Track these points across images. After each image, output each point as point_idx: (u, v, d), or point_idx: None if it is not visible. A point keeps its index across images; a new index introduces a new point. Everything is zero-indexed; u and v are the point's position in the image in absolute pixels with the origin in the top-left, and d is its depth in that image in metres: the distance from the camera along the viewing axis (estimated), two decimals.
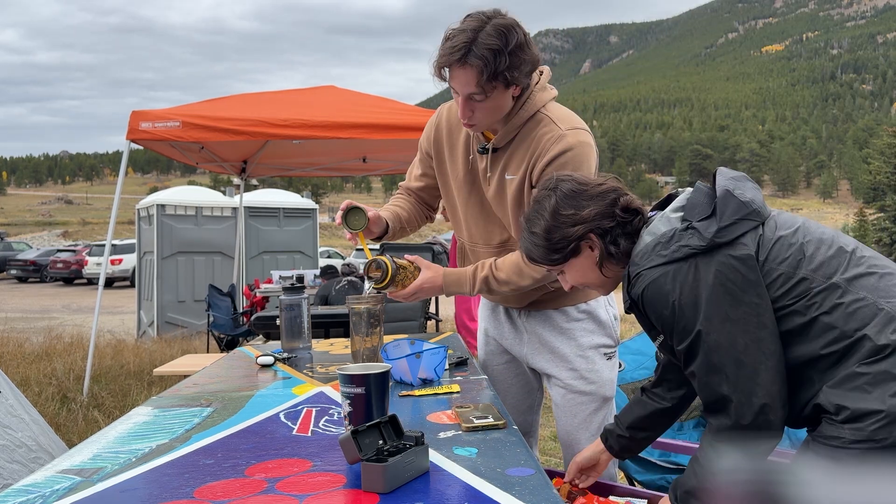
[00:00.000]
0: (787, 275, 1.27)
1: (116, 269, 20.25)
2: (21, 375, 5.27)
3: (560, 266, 1.49)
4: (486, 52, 1.57)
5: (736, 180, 1.35)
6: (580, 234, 1.42)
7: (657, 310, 1.32)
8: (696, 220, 1.30)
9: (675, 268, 1.29)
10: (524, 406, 2.07)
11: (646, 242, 1.35)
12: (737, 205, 1.30)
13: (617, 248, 1.42)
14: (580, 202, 1.43)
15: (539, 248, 1.47)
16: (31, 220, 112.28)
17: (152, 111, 5.29)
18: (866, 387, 1.20)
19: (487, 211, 1.88)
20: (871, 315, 1.23)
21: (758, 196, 1.34)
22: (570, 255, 1.46)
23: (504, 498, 0.96)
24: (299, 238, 10.44)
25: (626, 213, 1.43)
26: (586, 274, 1.48)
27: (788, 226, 1.33)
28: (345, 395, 1.23)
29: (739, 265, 1.26)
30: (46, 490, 1.05)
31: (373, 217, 1.80)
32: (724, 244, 1.27)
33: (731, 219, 1.28)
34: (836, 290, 1.25)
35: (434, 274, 1.81)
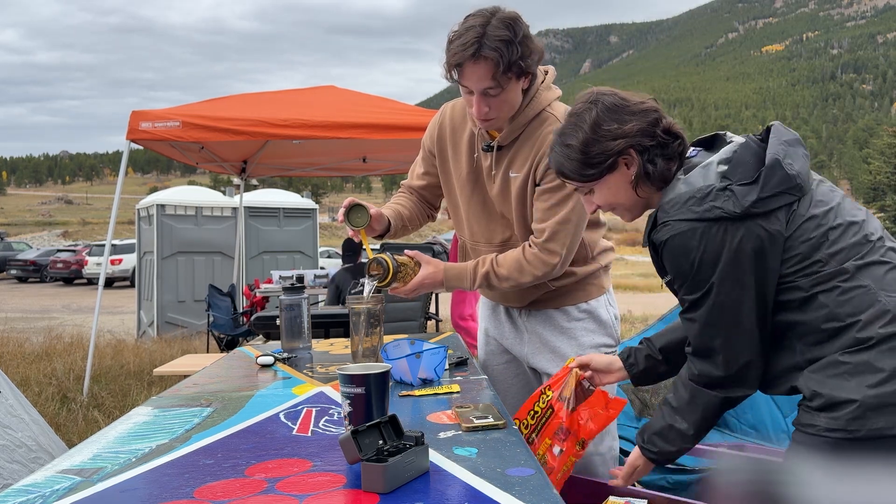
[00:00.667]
0: (805, 255, 1.26)
1: (116, 269, 20.25)
2: (21, 375, 5.27)
3: (592, 183, 1.42)
4: (498, 44, 1.59)
5: (788, 146, 1.30)
6: (620, 148, 1.36)
7: (676, 261, 1.30)
8: (736, 183, 1.25)
9: (703, 227, 1.26)
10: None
11: (680, 192, 1.31)
12: (782, 177, 1.26)
13: (654, 167, 1.37)
14: (622, 116, 1.37)
15: (573, 161, 1.40)
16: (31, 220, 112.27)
17: (152, 111, 5.29)
18: (846, 376, 1.20)
19: (490, 209, 1.88)
20: (867, 304, 1.23)
21: (805, 167, 1.30)
22: (606, 171, 1.39)
23: (504, 498, 0.96)
24: (299, 238, 10.44)
25: (667, 135, 1.38)
26: (618, 193, 1.42)
27: (823, 204, 1.30)
28: (345, 395, 1.23)
29: (767, 239, 1.25)
30: (46, 490, 1.05)
31: (375, 214, 1.81)
32: (760, 215, 1.25)
33: (773, 191, 1.25)
34: (843, 274, 1.24)
35: (434, 269, 1.81)
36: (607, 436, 1.93)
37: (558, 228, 1.75)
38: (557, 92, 1.82)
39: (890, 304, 1.22)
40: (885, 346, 1.20)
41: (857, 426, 1.18)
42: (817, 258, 1.26)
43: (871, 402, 1.17)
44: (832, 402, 1.20)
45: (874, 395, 1.17)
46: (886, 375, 1.18)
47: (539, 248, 1.76)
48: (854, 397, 1.18)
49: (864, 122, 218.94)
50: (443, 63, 1.69)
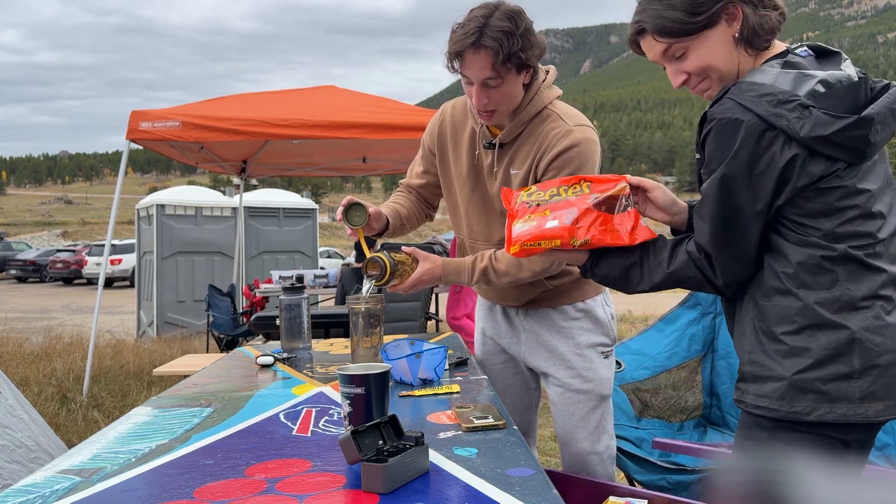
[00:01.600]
0: (811, 214, 1.21)
1: (116, 269, 20.25)
2: (21, 375, 5.27)
3: (693, 36, 1.29)
4: (499, 34, 1.61)
5: (891, 114, 1.21)
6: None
7: (717, 143, 1.21)
8: (819, 109, 1.16)
9: (761, 126, 1.17)
10: (522, 406, 2.07)
11: (766, 81, 1.21)
12: (861, 136, 1.17)
13: (763, 21, 1.27)
14: None
15: (676, 10, 1.28)
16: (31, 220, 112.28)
17: (152, 111, 5.29)
18: (783, 355, 1.22)
19: (489, 207, 1.88)
20: (824, 287, 1.21)
21: (884, 141, 1.23)
22: (711, 21, 1.27)
23: (504, 498, 0.96)
24: (299, 238, 10.44)
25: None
26: (717, 53, 1.30)
27: (862, 181, 1.22)
28: (345, 396, 1.23)
29: (800, 172, 1.18)
30: (46, 490, 1.05)
31: (373, 213, 1.81)
32: (811, 149, 1.17)
33: (842, 140, 1.16)
34: (826, 249, 1.21)
35: (432, 264, 1.82)
36: (605, 435, 1.93)
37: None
38: (559, 91, 1.83)
39: (844, 296, 1.21)
40: (823, 332, 1.20)
41: (779, 405, 1.21)
42: (820, 226, 1.21)
43: (795, 384, 1.20)
44: (762, 376, 1.24)
45: (798, 379, 1.20)
46: (813, 362, 1.20)
47: None
48: (784, 373, 1.21)
49: None
50: (444, 53, 1.70)
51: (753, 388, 1.25)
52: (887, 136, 1.23)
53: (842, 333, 1.20)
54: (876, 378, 1.20)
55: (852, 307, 1.21)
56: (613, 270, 1.37)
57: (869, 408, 1.19)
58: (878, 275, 1.23)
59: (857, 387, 1.19)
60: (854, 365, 1.19)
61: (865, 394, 1.19)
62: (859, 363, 1.19)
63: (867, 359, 1.20)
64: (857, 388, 1.19)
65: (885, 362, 1.20)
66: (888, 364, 1.21)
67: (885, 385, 1.20)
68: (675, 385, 3.08)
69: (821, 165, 1.19)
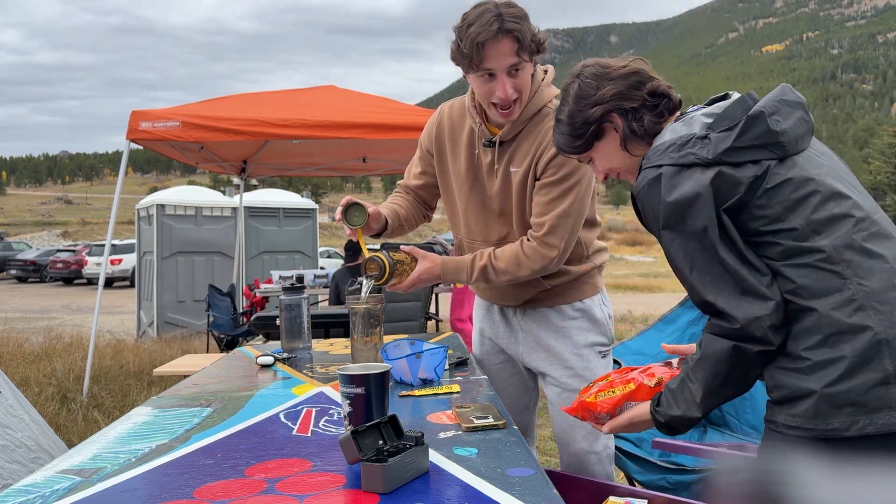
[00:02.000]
0: (778, 216, 1.20)
1: (116, 269, 20.25)
2: (21, 375, 5.27)
3: (587, 153, 1.44)
4: (516, 19, 1.65)
5: (784, 104, 1.25)
6: (599, 114, 1.38)
7: (652, 207, 1.26)
8: (716, 131, 1.22)
9: (675, 171, 1.23)
10: (520, 405, 2.07)
11: (664, 140, 1.29)
12: (763, 130, 1.21)
13: (641, 125, 1.36)
14: (602, 83, 1.38)
15: (564, 135, 1.44)
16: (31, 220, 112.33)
17: (152, 111, 5.29)
18: (807, 370, 1.16)
19: (488, 207, 1.88)
20: (836, 288, 1.16)
21: (797, 129, 1.24)
22: (594, 139, 1.41)
23: (504, 498, 0.96)
24: (299, 238, 10.45)
25: (652, 96, 1.37)
26: (612, 158, 1.43)
27: (806, 170, 1.23)
28: (345, 395, 1.23)
29: (735, 186, 1.19)
30: (46, 490, 1.05)
31: (372, 213, 1.82)
32: (731, 164, 1.20)
33: (750, 142, 1.20)
34: (816, 252, 1.18)
35: (431, 263, 1.82)
36: (602, 435, 1.93)
37: (557, 222, 1.76)
38: (556, 90, 1.83)
39: (858, 293, 1.15)
40: (846, 339, 1.14)
41: (813, 424, 1.14)
42: (793, 225, 1.19)
43: (827, 400, 1.13)
44: (792, 396, 1.17)
45: (829, 393, 1.13)
46: (843, 372, 1.13)
47: (538, 241, 1.77)
48: (814, 388, 1.14)
49: (865, 122, 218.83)
50: (455, 53, 1.70)
51: (785, 408, 1.18)
52: (798, 125, 1.24)
53: (865, 336, 1.13)
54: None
55: (871, 305, 1.14)
56: (675, 407, 1.30)
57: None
58: (881, 261, 1.18)
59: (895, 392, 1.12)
60: (887, 368, 1.12)
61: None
62: (892, 365, 1.12)
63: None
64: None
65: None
66: None
67: None
68: None
69: (749, 169, 1.20)
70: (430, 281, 1.84)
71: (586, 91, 1.39)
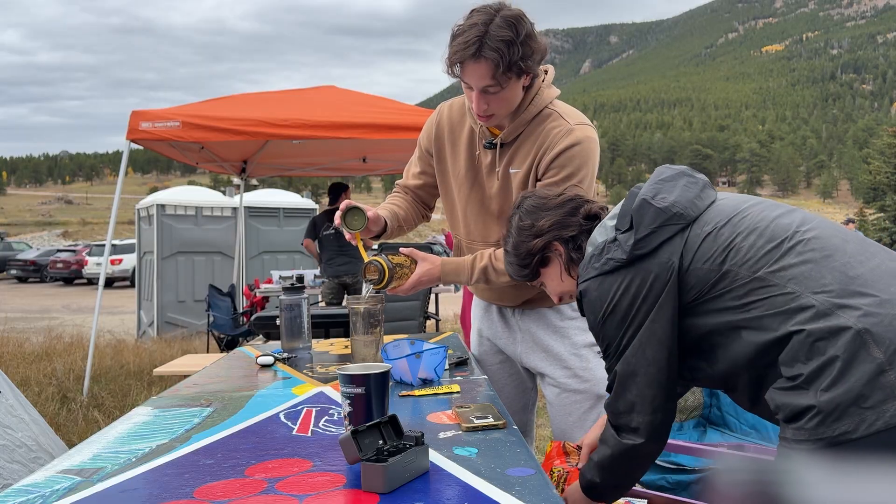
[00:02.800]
0: (712, 270, 1.23)
1: (116, 269, 20.25)
2: (21, 375, 5.27)
3: (536, 280, 1.54)
4: (499, 44, 1.59)
5: (663, 182, 1.32)
6: (541, 245, 1.47)
7: (591, 318, 1.35)
8: (621, 231, 1.30)
9: (601, 279, 1.31)
10: (519, 405, 2.07)
11: (587, 253, 1.37)
12: (654, 213, 1.27)
13: (579, 252, 1.45)
14: (539, 214, 1.48)
15: (512, 265, 1.53)
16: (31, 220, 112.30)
17: (152, 111, 5.28)
18: (803, 384, 1.14)
19: (487, 208, 1.88)
20: (798, 308, 1.16)
21: (686, 194, 1.29)
22: (539, 266, 1.50)
23: (504, 498, 0.96)
24: (299, 238, 10.42)
25: (588, 219, 1.46)
26: (559, 283, 1.52)
27: (721, 217, 1.27)
28: (345, 395, 1.23)
29: (662, 274, 1.25)
30: (46, 490, 1.05)
31: (371, 217, 1.81)
32: (646, 255, 1.26)
33: (649, 228, 1.26)
34: (762, 285, 1.19)
35: (431, 265, 1.82)
36: None
37: None
38: (557, 91, 1.83)
39: (818, 302, 1.14)
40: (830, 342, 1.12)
41: (820, 433, 1.11)
42: (727, 269, 1.22)
43: (828, 406, 1.10)
44: (794, 412, 1.15)
45: (828, 399, 1.10)
46: (836, 373, 1.11)
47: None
48: (811, 403, 1.12)
49: (864, 122, 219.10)
50: (444, 58, 1.69)
51: (792, 425, 1.16)
52: (686, 190, 1.30)
53: (846, 335, 1.11)
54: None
55: (834, 307, 1.13)
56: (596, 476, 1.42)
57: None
58: (831, 258, 1.17)
59: (893, 378, 1.08)
60: (877, 356, 1.09)
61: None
62: (881, 351, 1.09)
63: (887, 343, 1.10)
64: (895, 379, 1.08)
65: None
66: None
67: None
68: None
69: (666, 252, 1.25)
70: (431, 283, 1.84)
71: (526, 223, 1.49)
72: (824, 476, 1.13)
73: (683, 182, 1.31)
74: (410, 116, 5.56)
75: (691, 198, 1.29)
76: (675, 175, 1.33)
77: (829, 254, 1.19)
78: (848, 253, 1.19)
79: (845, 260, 1.18)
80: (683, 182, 1.31)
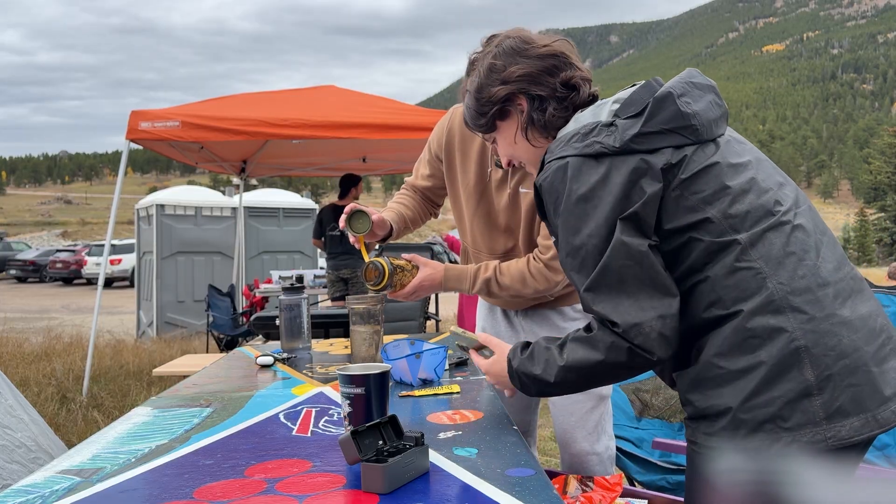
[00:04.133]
0: (693, 207, 1.09)
1: (116, 269, 20.25)
2: (20, 375, 5.27)
3: (491, 133, 1.35)
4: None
5: (694, 87, 1.15)
6: (503, 95, 1.27)
7: (554, 201, 1.15)
8: (622, 117, 1.12)
9: (581, 161, 1.11)
10: (522, 405, 2.07)
11: (567, 130, 1.19)
12: (673, 113, 1.10)
13: (542, 115, 1.25)
14: (515, 59, 1.26)
15: (469, 109, 1.34)
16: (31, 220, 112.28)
17: (152, 111, 5.28)
18: (716, 386, 1.06)
19: (494, 221, 1.88)
20: (754, 290, 1.06)
21: (709, 112, 1.14)
22: (496, 118, 1.31)
23: (504, 498, 0.96)
24: (299, 238, 10.44)
25: (565, 87, 1.25)
26: (513, 144, 1.32)
27: (728, 157, 1.13)
28: (345, 396, 1.23)
29: (650, 174, 1.09)
30: (46, 490, 1.04)
31: (377, 220, 1.80)
32: (641, 151, 1.09)
33: (659, 126, 1.10)
34: (733, 246, 1.08)
35: (433, 271, 1.82)
36: (604, 435, 1.93)
37: None
38: None
39: (777, 293, 1.05)
40: (763, 344, 1.04)
41: (735, 442, 1.05)
42: (708, 215, 1.09)
43: (745, 416, 1.04)
44: (705, 413, 1.08)
45: (748, 407, 1.04)
46: (759, 382, 1.03)
47: (544, 263, 1.77)
48: (729, 404, 1.05)
49: (865, 122, 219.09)
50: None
51: (704, 425, 1.09)
52: (710, 108, 1.15)
53: (781, 339, 1.03)
54: (838, 389, 1.03)
55: (789, 304, 1.05)
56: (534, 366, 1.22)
57: (841, 427, 1.02)
58: (805, 257, 1.09)
59: (819, 404, 1.02)
60: (808, 378, 1.03)
61: (832, 411, 1.02)
62: (814, 374, 1.03)
63: (821, 367, 1.03)
64: (819, 406, 1.02)
65: (843, 368, 1.03)
66: (849, 369, 1.03)
67: (852, 396, 1.03)
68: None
69: (663, 156, 1.09)
70: (431, 289, 1.83)
71: (497, 66, 1.28)
72: (824, 476, 1.12)
73: (710, 98, 1.17)
74: (410, 116, 5.56)
75: (711, 119, 1.15)
76: (705, 86, 1.18)
77: (807, 249, 1.10)
78: (821, 255, 1.11)
79: (817, 262, 1.10)
80: (710, 98, 1.17)
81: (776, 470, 1.05)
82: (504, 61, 1.27)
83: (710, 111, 1.14)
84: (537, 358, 1.21)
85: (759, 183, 1.13)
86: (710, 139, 1.14)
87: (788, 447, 1.02)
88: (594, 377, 1.16)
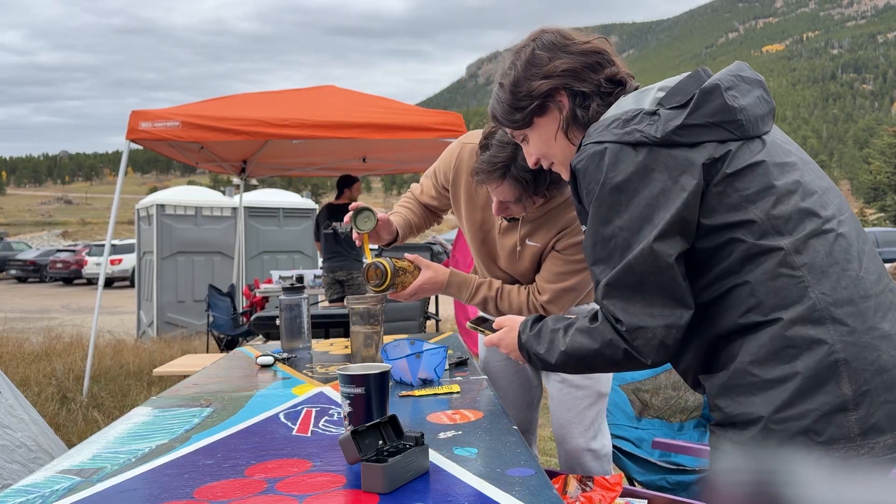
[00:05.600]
0: (735, 206, 1.05)
1: (116, 269, 20.24)
2: (21, 375, 5.27)
3: (523, 130, 1.29)
4: (526, 175, 1.58)
5: (742, 80, 1.11)
6: (545, 89, 1.21)
7: (588, 186, 1.11)
8: (666, 107, 1.08)
9: (618, 148, 1.07)
10: (524, 403, 2.08)
11: (607, 115, 1.15)
12: (719, 106, 1.07)
13: (586, 112, 1.20)
14: (557, 54, 1.21)
15: (503, 104, 1.28)
16: (31, 220, 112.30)
17: (152, 111, 5.28)
18: (749, 393, 1.04)
19: (495, 260, 1.90)
20: (796, 298, 1.03)
21: (756, 108, 1.10)
22: (534, 115, 1.25)
23: (504, 498, 0.96)
24: (299, 238, 10.44)
25: (610, 82, 1.21)
26: (549, 141, 1.26)
27: (774, 156, 1.09)
28: (345, 396, 1.23)
29: (690, 171, 1.05)
30: (46, 490, 1.05)
31: (383, 220, 1.79)
32: (682, 145, 1.05)
33: (704, 119, 1.06)
34: (777, 252, 1.04)
35: (435, 273, 1.81)
36: (600, 433, 1.94)
37: (561, 295, 1.76)
38: None
39: (819, 303, 1.02)
40: (800, 354, 1.01)
41: (762, 450, 1.02)
42: (750, 216, 1.05)
43: (776, 427, 1.01)
44: (734, 421, 1.06)
45: (780, 418, 1.01)
46: (793, 393, 1.01)
47: (540, 305, 1.78)
48: (761, 413, 1.02)
49: (865, 122, 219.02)
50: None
51: (732, 433, 1.06)
52: (758, 104, 1.11)
53: (819, 351, 1.00)
54: (875, 405, 1.00)
55: (831, 316, 1.02)
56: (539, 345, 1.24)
57: (875, 444, 1.00)
58: (848, 267, 1.04)
59: (854, 419, 0.99)
60: (846, 392, 1.00)
61: (867, 427, 1.00)
62: (851, 388, 1.00)
63: (859, 382, 1.00)
64: (855, 422, 0.99)
65: (881, 383, 1.00)
66: (887, 384, 1.00)
67: (888, 412, 1.00)
68: (675, 385, 3.08)
69: (705, 151, 1.05)
70: (432, 291, 1.83)
71: (538, 60, 1.22)
72: (824, 476, 1.12)
73: (758, 93, 1.12)
74: (410, 116, 5.56)
75: (758, 116, 1.10)
76: (753, 80, 1.14)
77: (850, 259, 1.06)
78: (864, 266, 1.07)
79: (860, 273, 1.06)
80: (758, 93, 1.12)
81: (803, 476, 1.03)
82: (546, 56, 1.22)
83: (757, 107, 1.11)
84: (543, 338, 1.24)
85: (804, 185, 1.09)
86: (756, 136, 1.10)
87: (821, 460, 1.00)
88: (591, 366, 1.17)
